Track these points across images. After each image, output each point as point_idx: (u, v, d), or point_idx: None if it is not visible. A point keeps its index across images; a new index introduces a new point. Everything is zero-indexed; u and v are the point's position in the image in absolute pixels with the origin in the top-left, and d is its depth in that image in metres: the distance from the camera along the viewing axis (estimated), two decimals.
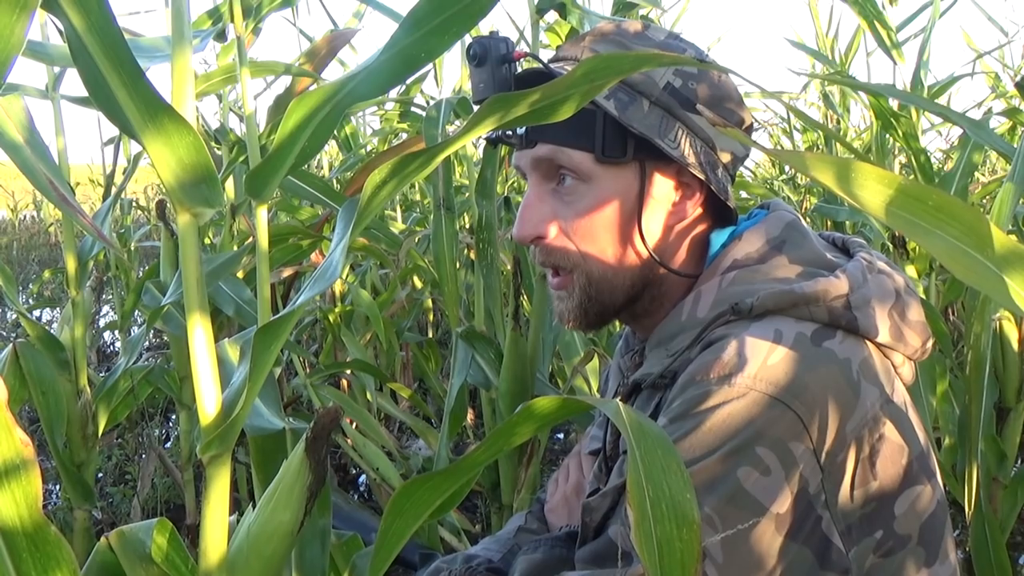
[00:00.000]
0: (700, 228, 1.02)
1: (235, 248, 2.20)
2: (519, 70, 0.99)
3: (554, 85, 0.59)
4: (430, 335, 3.70)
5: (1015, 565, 2.41)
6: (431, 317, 3.83)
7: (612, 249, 0.99)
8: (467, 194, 2.62)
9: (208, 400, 0.66)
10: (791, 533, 0.83)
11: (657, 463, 0.56)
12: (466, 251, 2.86)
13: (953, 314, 3.36)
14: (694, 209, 1.00)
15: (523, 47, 2.58)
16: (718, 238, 1.01)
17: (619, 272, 1.00)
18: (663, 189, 0.99)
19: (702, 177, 0.96)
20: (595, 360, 1.98)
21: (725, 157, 0.99)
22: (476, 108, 0.65)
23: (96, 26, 0.56)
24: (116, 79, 0.58)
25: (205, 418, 0.66)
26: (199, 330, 0.66)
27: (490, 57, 0.96)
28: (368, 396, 2.89)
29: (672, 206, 1.00)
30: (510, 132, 1.00)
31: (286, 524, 0.72)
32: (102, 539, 0.76)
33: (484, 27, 3.05)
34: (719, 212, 1.03)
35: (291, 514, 0.72)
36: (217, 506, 0.68)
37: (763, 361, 0.85)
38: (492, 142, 1.08)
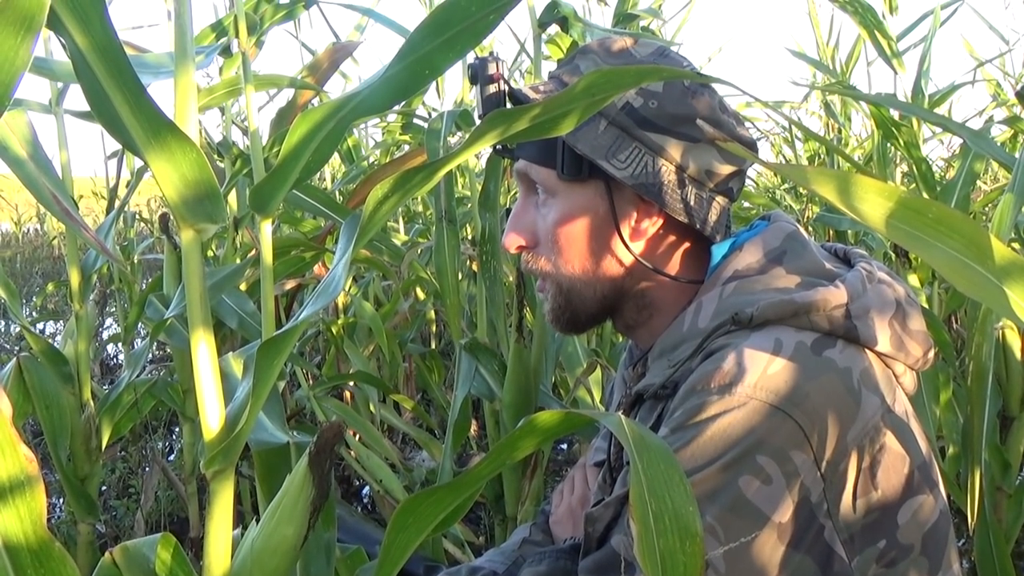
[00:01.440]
0: (686, 238, 1.03)
1: (238, 260, 2.21)
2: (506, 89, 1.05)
3: (555, 100, 0.60)
4: (433, 346, 3.70)
5: (1020, 574, 2.40)
6: (434, 328, 3.83)
7: (581, 261, 1.02)
8: (469, 206, 2.63)
9: (211, 415, 0.67)
10: (793, 542, 0.83)
11: (659, 476, 0.56)
12: (469, 263, 2.86)
13: (956, 323, 3.36)
14: (653, 227, 1.01)
15: (524, 60, 2.59)
16: (719, 249, 1.02)
17: (589, 283, 1.03)
18: (624, 205, 1.00)
19: (646, 197, 0.97)
20: (598, 371, 1.98)
21: (726, 169, 0.99)
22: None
23: (99, 44, 0.57)
24: (119, 96, 0.59)
25: (208, 433, 0.66)
26: (202, 345, 0.66)
27: (483, 76, 1.04)
28: (371, 408, 2.89)
29: (634, 223, 1.01)
30: (499, 146, 1.03)
31: (290, 538, 0.72)
32: (106, 555, 0.76)
33: (486, 42, 3.06)
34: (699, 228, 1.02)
35: (295, 528, 0.72)
36: (221, 521, 0.68)
37: (763, 370, 0.85)
38: (498, 152, 1.12)
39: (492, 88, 1.05)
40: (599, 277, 1.03)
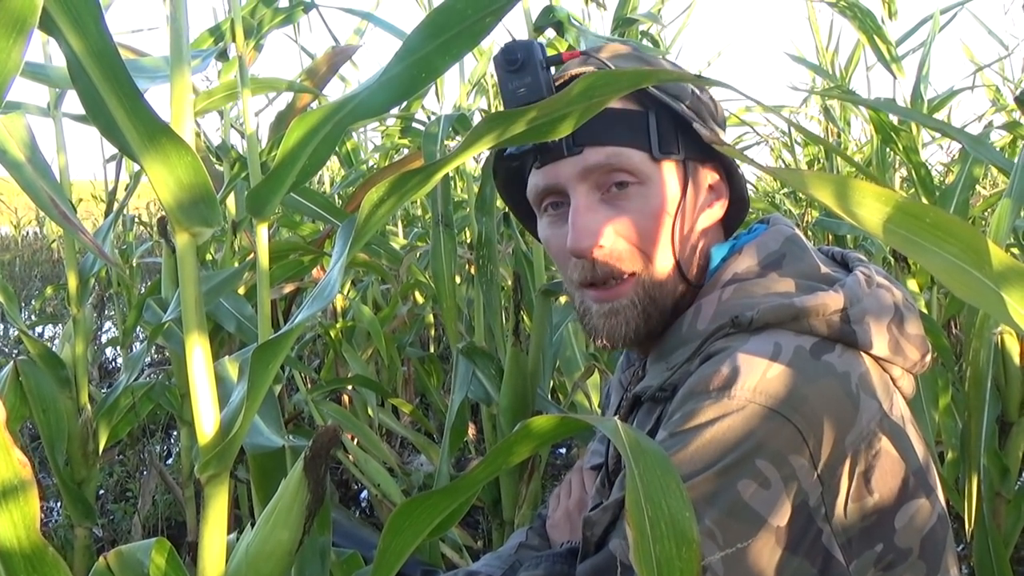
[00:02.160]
0: (714, 238, 1.05)
1: (236, 264, 2.21)
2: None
3: (552, 102, 0.59)
4: (432, 350, 3.70)
5: None
6: (433, 332, 3.82)
7: (664, 252, 0.98)
8: (467, 210, 2.62)
9: (206, 419, 0.66)
10: (791, 546, 0.83)
11: (656, 482, 0.56)
12: (466, 266, 2.86)
13: (955, 328, 3.36)
14: (721, 211, 1.04)
15: None
16: (718, 252, 1.02)
17: (669, 276, 0.99)
18: (701, 188, 1.02)
19: (735, 173, 1.01)
20: (596, 375, 1.98)
21: None
22: (480, 116, 0.65)
23: (94, 49, 0.57)
24: (115, 101, 0.59)
25: (203, 437, 0.66)
26: (197, 350, 0.66)
27: (533, 61, 0.93)
28: (370, 412, 2.88)
29: (707, 206, 1.02)
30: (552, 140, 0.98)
31: (285, 543, 0.72)
32: (100, 559, 0.76)
33: (484, 44, 3.06)
34: (728, 222, 1.07)
35: (290, 533, 0.72)
36: (216, 525, 0.68)
37: (762, 374, 0.85)
38: (516, 157, 1.02)
39: (548, 73, 0.94)
40: (672, 268, 0.99)
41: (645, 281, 0.98)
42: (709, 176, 1.03)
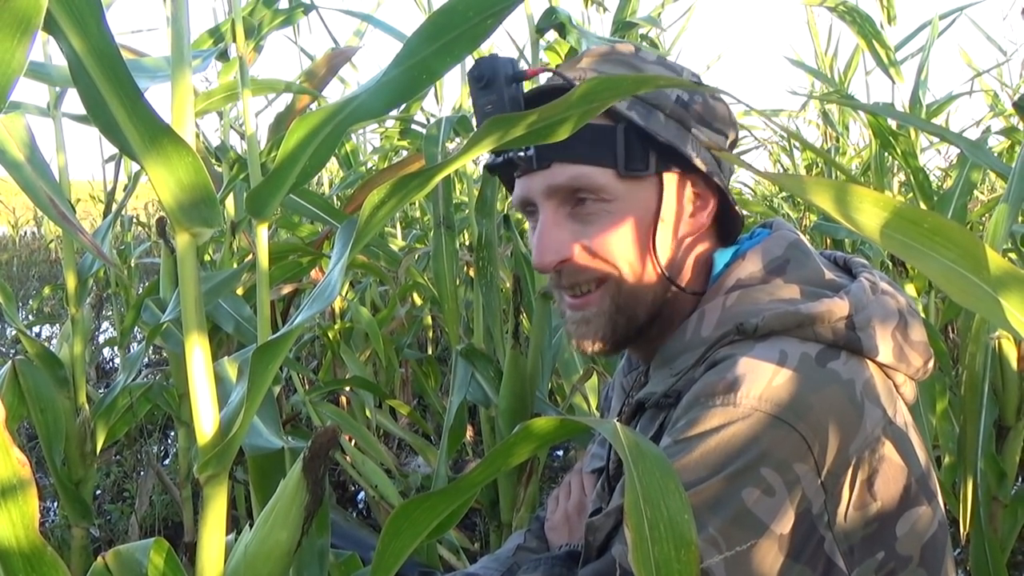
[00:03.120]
0: (707, 244, 1.04)
1: (235, 265, 2.21)
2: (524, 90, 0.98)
3: (552, 106, 0.59)
4: (430, 352, 3.70)
5: None
6: (431, 334, 3.82)
7: (636, 263, 0.98)
8: (467, 212, 2.63)
9: (205, 420, 0.66)
10: (794, 554, 0.83)
11: (655, 484, 0.56)
12: (466, 268, 2.86)
13: (953, 332, 3.36)
14: (708, 219, 1.02)
15: (523, 66, 2.59)
16: (721, 257, 1.02)
17: (643, 287, 0.99)
18: (681, 200, 1.00)
19: (719, 183, 0.98)
20: (594, 378, 1.98)
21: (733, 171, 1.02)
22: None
23: (96, 49, 0.57)
24: (116, 101, 0.59)
25: (202, 437, 0.66)
26: (197, 350, 0.66)
27: (499, 77, 0.94)
28: (367, 413, 2.88)
29: (689, 217, 1.01)
30: (520, 154, 0.98)
31: (283, 544, 0.72)
32: (98, 559, 0.76)
33: (484, 47, 3.06)
34: (723, 227, 1.05)
35: (288, 533, 0.72)
36: (214, 526, 0.68)
37: (768, 382, 0.85)
38: (493, 169, 1.03)
39: (514, 89, 0.95)
40: (650, 281, 0.99)
41: (613, 292, 0.99)
42: (689, 184, 1.00)
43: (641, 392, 1.00)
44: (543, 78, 1.02)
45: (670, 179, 0.98)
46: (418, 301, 3.45)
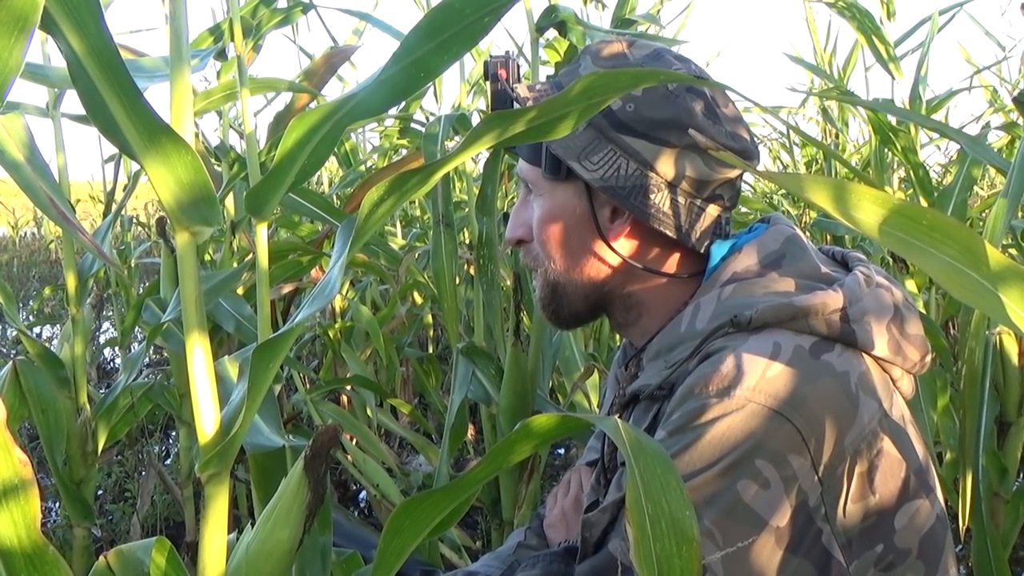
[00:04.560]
0: (666, 245, 1.03)
1: (235, 264, 2.21)
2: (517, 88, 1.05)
3: (551, 103, 0.59)
4: (430, 351, 3.70)
5: None
6: (431, 333, 3.82)
7: (562, 259, 1.05)
8: (467, 210, 2.63)
9: (206, 418, 0.66)
10: (791, 547, 0.83)
11: (656, 481, 0.56)
12: (466, 267, 2.86)
13: (953, 328, 3.36)
14: (624, 229, 1.02)
15: (523, 64, 2.59)
16: (718, 251, 1.02)
17: (571, 281, 1.05)
18: (602, 208, 1.02)
19: (614, 200, 0.99)
20: (595, 375, 1.98)
21: (713, 177, 0.98)
22: (479, 116, 0.66)
23: (94, 49, 0.57)
24: (115, 101, 0.59)
25: (203, 436, 0.66)
26: (198, 349, 0.66)
27: (488, 76, 1.09)
28: (368, 412, 2.88)
29: (608, 223, 1.02)
30: None
31: (285, 542, 0.72)
32: (100, 559, 0.76)
33: (483, 45, 3.06)
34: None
35: (290, 532, 0.72)
36: (216, 524, 0.68)
37: (762, 374, 0.85)
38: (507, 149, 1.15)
39: (495, 87, 1.09)
40: (581, 276, 1.05)
41: (544, 276, 1.07)
42: (607, 205, 1.01)
43: (635, 384, 1.00)
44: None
45: (595, 192, 1.01)
46: (419, 300, 3.45)
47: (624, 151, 0.97)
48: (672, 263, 1.03)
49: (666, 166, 0.97)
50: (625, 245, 1.03)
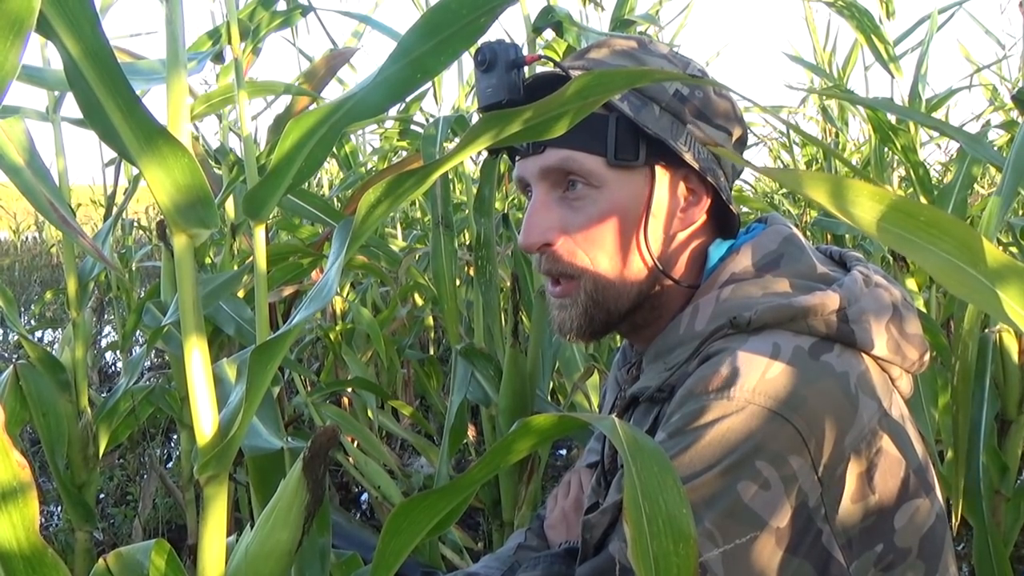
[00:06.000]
0: (702, 238, 1.03)
1: (236, 267, 2.21)
2: (527, 76, 0.99)
3: (547, 103, 0.59)
4: (431, 352, 3.70)
5: None
6: (432, 334, 3.82)
7: (619, 256, 0.99)
8: (466, 211, 2.63)
9: (204, 420, 0.66)
10: (791, 547, 0.83)
11: (653, 479, 0.56)
12: (466, 268, 2.86)
13: (953, 327, 3.36)
14: (700, 215, 1.01)
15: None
16: (716, 251, 1.02)
17: (625, 280, 1.00)
18: (672, 194, 1.00)
19: (711, 181, 0.98)
20: (595, 376, 1.98)
21: (738, 168, 1.03)
22: (478, 117, 0.65)
23: (91, 52, 0.57)
24: (112, 104, 0.59)
25: (202, 438, 0.66)
26: (196, 352, 0.66)
27: (499, 62, 0.96)
28: (369, 414, 2.88)
29: (680, 212, 1.01)
30: None
31: (284, 544, 0.72)
32: (99, 561, 0.76)
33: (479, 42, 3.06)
34: (721, 222, 1.04)
35: (289, 533, 0.72)
36: (215, 527, 0.68)
37: (761, 375, 0.85)
38: (494, 152, 1.07)
39: (514, 75, 0.96)
40: (635, 273, 1.00)
41: (588, 284, 1.00)
42: (682, 179, 1.00)
43: (635, 386, 1.00)
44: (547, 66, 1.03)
45: (662, 172, 0.98)
46: (419, 301, 3.45)
47: (695, 138, 0.97)
48: (692, 259, 1.03)
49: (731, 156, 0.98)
50: (663, 241, 1.01)
